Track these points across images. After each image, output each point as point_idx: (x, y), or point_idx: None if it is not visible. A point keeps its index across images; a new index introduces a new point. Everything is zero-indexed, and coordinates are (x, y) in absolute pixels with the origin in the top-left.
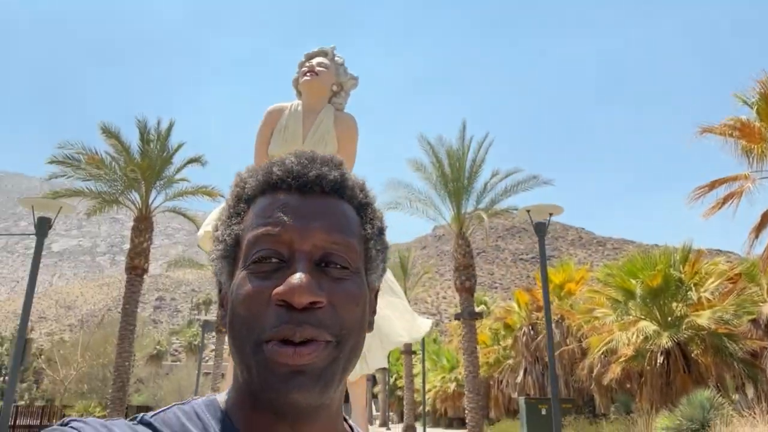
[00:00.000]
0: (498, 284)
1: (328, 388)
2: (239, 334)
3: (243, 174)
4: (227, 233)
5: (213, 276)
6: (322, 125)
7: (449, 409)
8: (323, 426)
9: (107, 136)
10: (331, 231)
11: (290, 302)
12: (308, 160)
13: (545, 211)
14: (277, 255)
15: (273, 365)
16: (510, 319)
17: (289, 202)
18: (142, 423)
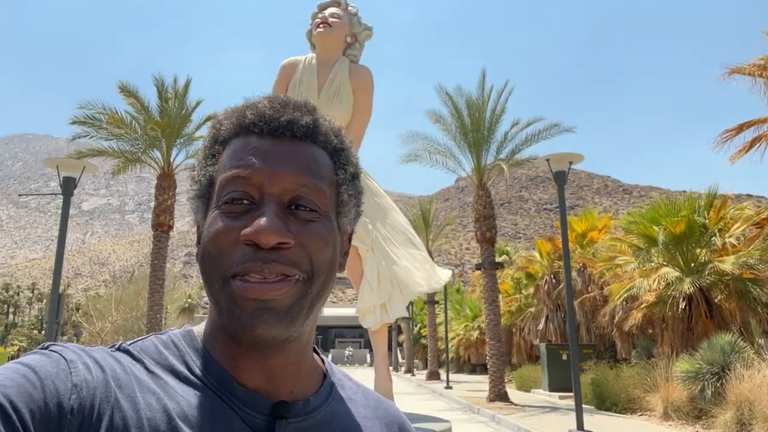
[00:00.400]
0: (522, 234)
1: (294, 323)
2: (209, 270)
3: (219, 116)
4: (202, 174)
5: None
6: (337, 78)
7: (472, 356)
8: (293, 355)
9: (126, 95)
10: (300, 174)
11: (257, 242)
12: (281, 104)
13: (565, 160)
14: (247, 197)
15: (240, 300)
16: (532, 269)
17: (261, 145)
18: (120, 350)
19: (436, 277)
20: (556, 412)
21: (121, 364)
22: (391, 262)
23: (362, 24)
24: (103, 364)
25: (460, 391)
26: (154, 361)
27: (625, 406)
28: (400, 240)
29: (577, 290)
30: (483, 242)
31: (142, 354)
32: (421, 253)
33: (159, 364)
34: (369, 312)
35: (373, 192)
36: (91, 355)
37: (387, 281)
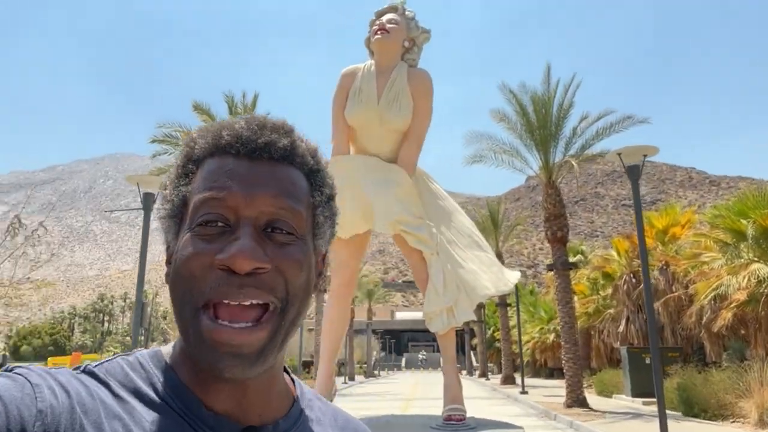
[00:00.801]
0: (599, 232)
1: (265, 363)
2: (179, 295)
3: (193, 134)
4: (175, 193)
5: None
6: (396, 83)
7: (548, 359)
8: (263, 382)
9: (199, 112)
10: (277, 197)
11: (232, 268)
12: (258, 126)
13: (638, 153)
14: (222, 219)
15: (209, 341)
16: (609, 268)
17: (237, 167)
18: (85, 372)
19: (504, 279)
20: (639, 418)
21: (87, 388)
22: (456, 265)
23: (420, 27)
24: (68, 388)
25: (536, 396)
26: (120, 384)
27: (715, 413)
28: (466, 243)
29: (659, 290)
30: (554, 242)
31: (108, 376)
32: (488, 255)
33: (125, 387)
34: (436, 316)
35: (437, 195)
36: (56, 379)
37: (453, 285)
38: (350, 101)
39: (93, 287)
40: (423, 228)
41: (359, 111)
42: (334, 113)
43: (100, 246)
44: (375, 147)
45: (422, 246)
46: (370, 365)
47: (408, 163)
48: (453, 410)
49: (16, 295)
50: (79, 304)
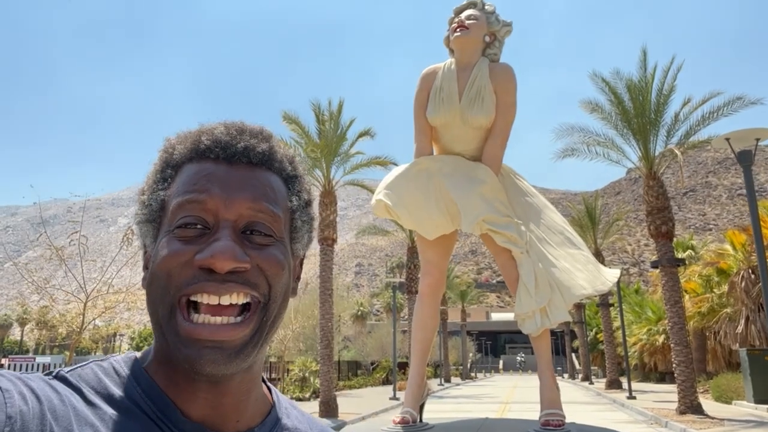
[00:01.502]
0: (712, 225)
1: (246, 359)
2: (155, 294)
3: (172, 139)
4: (153, 198)
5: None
6: (477, 80)
7: (659, 362)
8: (242, 387)
9: (288, 122)
10: (255, 200)
11: (212, 267)
12: (237, 131)
13: (750, 137)
14: (201, 222)
15: (186, 339)
16: (724, 263)
17: (216, 171)
18: (57, 378)
19: (601, 278)
20: (764, 427)
21: (58, 394)
22: (548, 264)
23: (500, 21)
24: (39, 394)
25: (644, 401)
26: (93, 390)
27: None
28: (558, 240)
29: None
30: (658, 237)
31: (80, 382)
32: (582, 252)
33: (98, 393)
34: (528, 317)
35: (525, 192)
36: (27, 384)
37: (545, 284)
38: (431, 101)
39: None
40: (511, 226)
41: (440, 110)
42: (415, 114)
43: None
44: (458, 146)
45: (511, 245)
46: (466, 367)
47: (493, 160)
48: (550, 415)
49: (134, 299)
50: None
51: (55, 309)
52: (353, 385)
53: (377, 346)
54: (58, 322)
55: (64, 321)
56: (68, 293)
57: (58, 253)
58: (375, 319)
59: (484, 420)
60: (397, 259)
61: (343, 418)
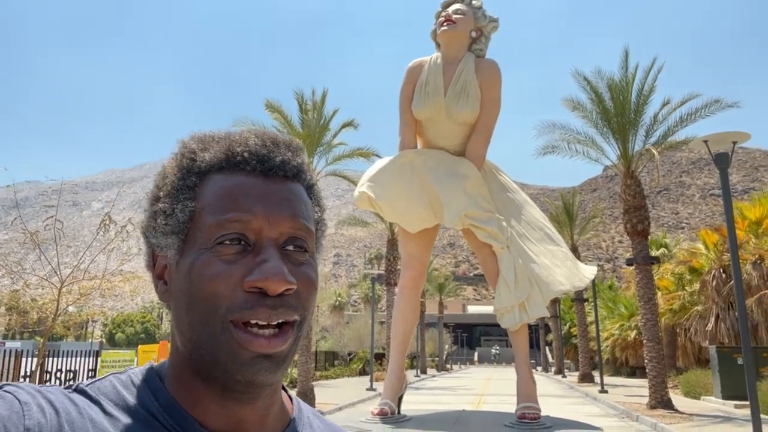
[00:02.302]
0: (684, 224)
1: (286, 369)
2: (201, 315)
3: (190, 144)
4: (179, 208)
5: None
6: (463, 75)
7: (630, 357)
8: (265, 401)
9: (271, 110)
10: (296, 218)
11: (266, 290)
12: (272, 143)
13: (727, 140)
14: (244, 239)
15: (241, 351)
16: (696, 262)
17: (255, 186)
18: (77, 391)
19: (579, 274)
20: (730, 422)
21: (76, 406)
22: (528, 260)
23: (487, 17)
24: (57, 407)
25: (616, 395)
26: (111, 403)
27: None
28: (538, 236)
29: (753, 286)
30: (634, 235)
31: (99, 395)
32: (561, 249)
33: (117, 405)
34: (507, 312)
35: (507, 188)
36: (46, 397)
37: (525, 279)
38: (416, 95)
39: None
40: (492, 222)
41: (425, 104)
42: (400, 107)
43: None
44: (442, 140)
45: (492, 240)
46: (442, 359)
47: (476, 155)
48: (527, 408)
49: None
50: None
51: (28, 294)
52: (330, 375)
53: (354, 336)
54: (30, 307)
55: (36, 306)
56: (42, 278)
57: (33, 237)
58: (353, 310)
59: (460, 413)
60: (375, 251)
61: (320, 408)
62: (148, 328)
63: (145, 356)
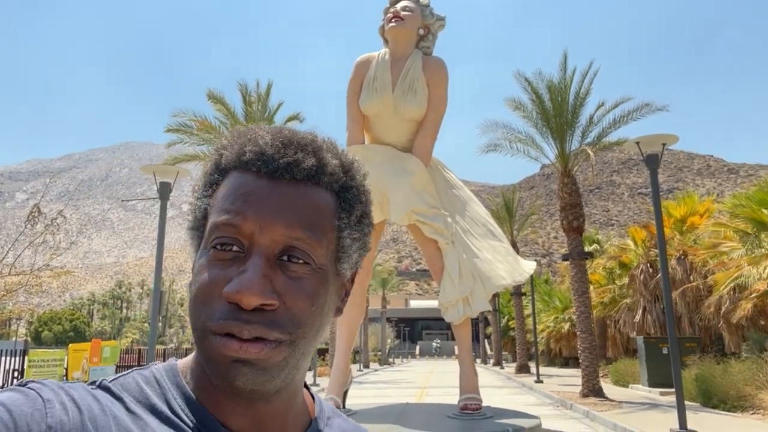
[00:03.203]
0: (614, 221)
1: (275, 379)
2: (192, 318)
3: (224, 140)
4: (198, 205)
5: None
6: (411, 72)
7: (564, 348)
8: (280, 404)
9: (214, 101)
10: (292, 226)
11: (238, 303)
12: (283, 143)
13: (657, 142)
14: (237, 243)
15: (217, 356)
16: (625, 257)
17: (255, 189)
18: (100, 387)
19: (519, 269)
20: (657, 409)
21: (99, 403)
22: (472, 255)
23: (435, 15)
24: (80, 404)
25: (551, 385)
26: (134, 400)
27: (734, 404)
28: (481, 232)
29: (677, 280)
30: (570, 231)
31: (122, 391)
32: (503, 244)
33: (140, 402)
34: (452, 306)
35: (452, 184)
36: (69, 394)
37: (469, 274)
38: (364, 90)
39: (111, 274)
40: (438, 218)
41: (373, 100)
42: (348, 102)
43: (117, 234)
44: (390, 136)
45: (438, 236)
46: (385, 353)
47: (423, 152)
48: (469, 399)
49: (37, 282)
50: (98, 291)
51: None
52: None
53: None
54: None
55: None
56: None
57: None
58: None
59: (405, 405)
60: None
61: None
62: (78, 326)
63: (76, 355)
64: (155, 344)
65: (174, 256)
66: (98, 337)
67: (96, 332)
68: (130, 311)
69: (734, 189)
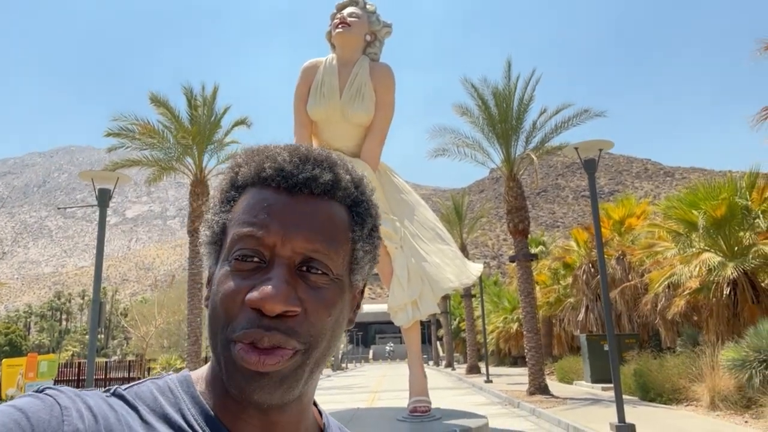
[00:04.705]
0: (560, 223)
1: (292, 390)
2: (213, 328)
3: (239, 159)
4: (215, 220)
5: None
6: (358, 78)
7: (513, 348)
8: (293, 415)
9: (157, 105)
10: (312, 239)
11: (262, 310)
12: (301, 159)
13: (595, 147)
14: (258, 255)
15: (238, 367)
16: (569, 258)
17: (276, 203)
18: (115, 395)
19: (467, 272)
20: (599, 404)
21: (115, 412)
22: (420, 259)
23: (381, 21)
24: (96, 412)
25: (500, 384)
26: (148, 409)
27: (670, 397)
28: (429, 236)
29: (616, 279)
30: (516, 234)
31: (137, 400)
32: (451, 248)
33: (154, 412)
34: (401, 309)
35: (400, 189)
36: (85, 402)
37: (417, 278)
38: (312, 95)
39: (49, 285)
40: (387, 222)
41: (321, 105)
42: (295, 107)
43: (55, 242)
44: (338, 141)
45: (386, 240)
46: (338, 358)
47: (371, 157)
48: (418, 402)
49: None
50: (35, 302)
51: None
52: None
53: None
54: None
55: None
56: None
57: None
58: None
59: (355, 410)
60: None
61: None
62: (13, 340)
63: (10, 371)
64: (95, 357)
65: (117, 265)
66: (36, 350)
67: (34, 346)
68: (70, 323)
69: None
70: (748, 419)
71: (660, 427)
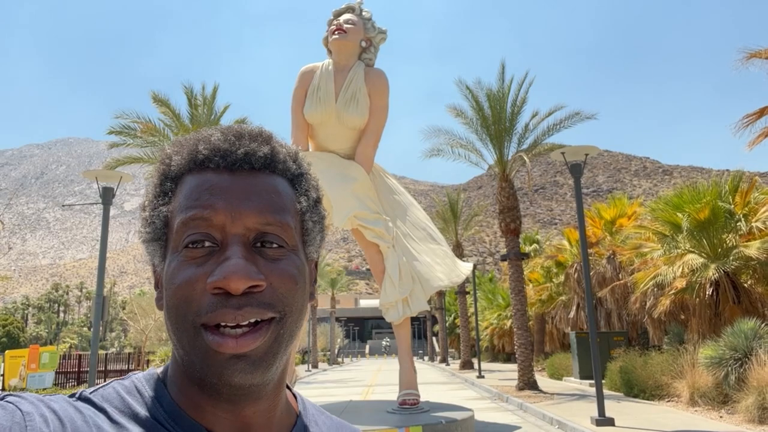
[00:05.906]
0: (557, 220)
1: (269, 370)
2: (176, 321)
3: (168, 150)
4: (155, 215)
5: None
6: (353, 82)
7: (506, 344)
8: (267, 401)
9: (158, 104)
10: (262, 212)
11: (227, 289)
12: (235, 136)
13: (581, 152)
14: (209, 239)
15: (213, 354)
16: (561, 257)
17: (218, 182)
18: (81, 399)
19: (457, 270)
20: (584, 399)
21: (82, 415)
22: (411, 258)
23: (376, 28)
24: (62, 416)
25: (492, 380)
26: (117, 410)
27: (652, 393)
28: (420, 236)
29: (607, 278)
30: (507, 233)
31: (104, 402)
32: (441, 247)
33: (122, 412)
34: (392, 306)
35: (393, 190)
36: (49, 406)
37: (408, 276)
38: (309, 99)
39: (47, 277)
40: (379, 222)
41: (317, 109)
42: (293, 111)
43: (53, 234)
44: (333, 144)
45: (379, 240)
46: (334, 353)
47: (365, 159)
48: (407, 395)
49: None
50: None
51: None
52: None
53: None
54: None
55: None
56: None
57: None
58: None
59: (348, 402)
60: None
61: None
62: (11, 332)
63: (13, 362)
64: (98, 350)
65: (115, 258)
66: (34, 342)
67: (31, 338)
68: (67, 315)
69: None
70: (723, 415)
71: (639, 421)
